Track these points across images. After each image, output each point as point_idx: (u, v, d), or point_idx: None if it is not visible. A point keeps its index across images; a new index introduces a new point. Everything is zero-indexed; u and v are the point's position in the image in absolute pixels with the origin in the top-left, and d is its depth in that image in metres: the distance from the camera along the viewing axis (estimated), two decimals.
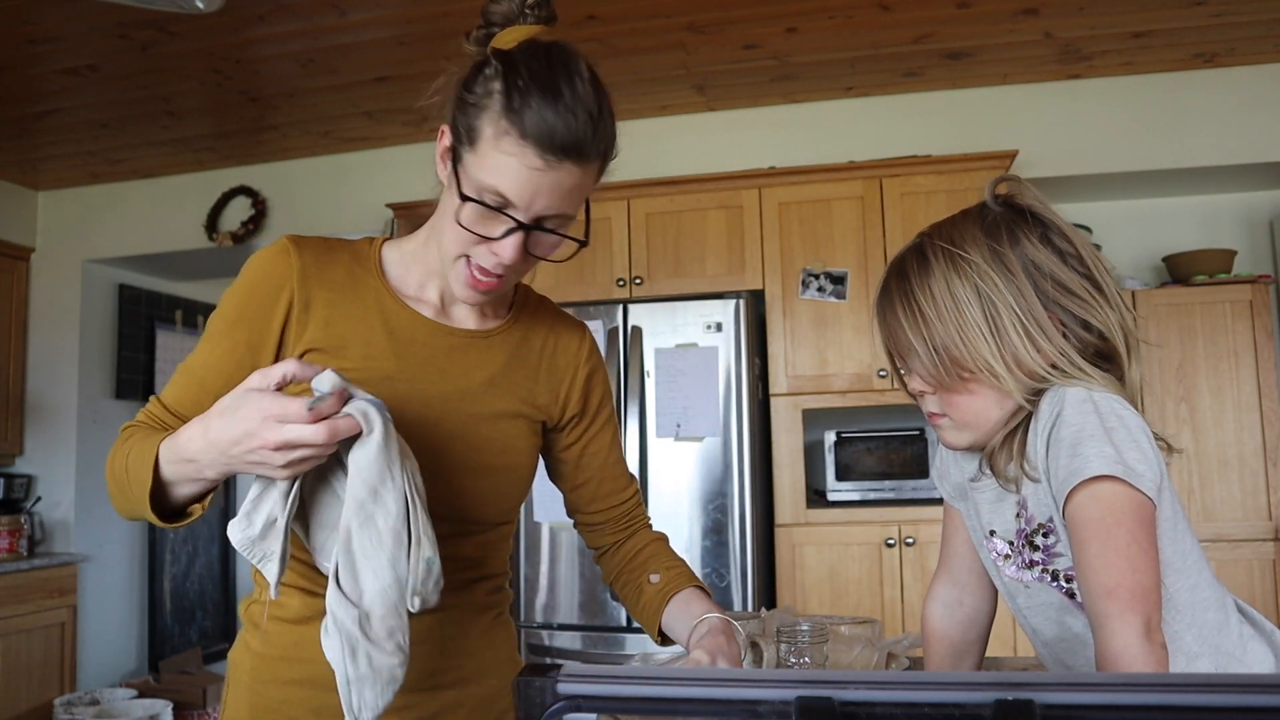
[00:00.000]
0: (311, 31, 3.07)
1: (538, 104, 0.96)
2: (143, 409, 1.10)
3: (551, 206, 1.00)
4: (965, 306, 1.02)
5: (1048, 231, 1.04)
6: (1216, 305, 3.31)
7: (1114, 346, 1.03)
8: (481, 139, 0.98)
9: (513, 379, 1.16)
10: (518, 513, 1.23)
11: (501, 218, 1.00)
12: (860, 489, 3.34)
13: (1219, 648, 1.03)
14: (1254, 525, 3.22)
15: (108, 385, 4.66)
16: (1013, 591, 1.12)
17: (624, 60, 3.36)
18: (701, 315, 3.18)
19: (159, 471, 0.96)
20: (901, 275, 1.08)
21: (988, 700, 0.42)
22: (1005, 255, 1.02)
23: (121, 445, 1.04)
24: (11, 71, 3.29)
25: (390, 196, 3.89)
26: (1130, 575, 0.90)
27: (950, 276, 1.03)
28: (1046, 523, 1.04)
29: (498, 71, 0.99)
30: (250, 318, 1.07)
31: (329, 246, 1.12)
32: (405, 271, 1.14)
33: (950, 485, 1.22)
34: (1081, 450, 0.94)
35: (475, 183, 0.99)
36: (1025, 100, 3.59)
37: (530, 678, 0.50)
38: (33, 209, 4.61)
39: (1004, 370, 1.01)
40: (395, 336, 1.10)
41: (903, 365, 1.11)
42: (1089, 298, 1.02)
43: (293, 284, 1.07)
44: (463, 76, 1.03)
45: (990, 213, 1.07)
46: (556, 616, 3.21)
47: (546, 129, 0.96)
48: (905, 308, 1.06)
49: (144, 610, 4.81)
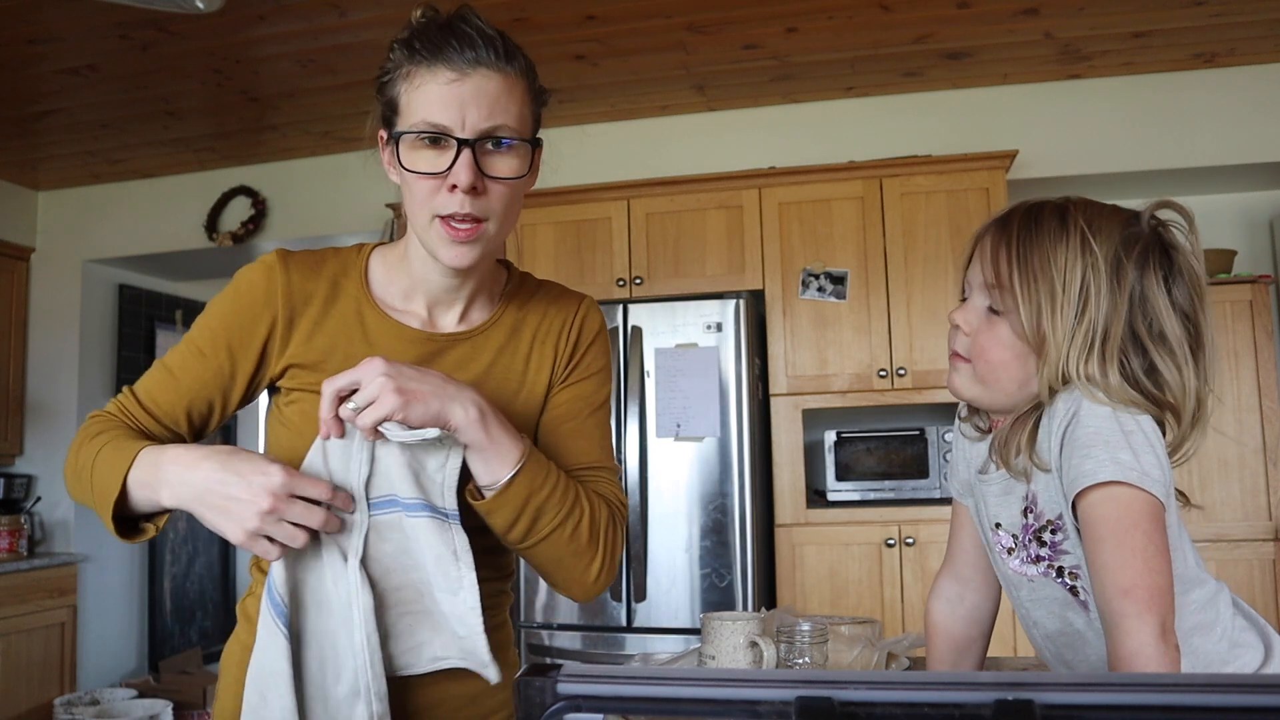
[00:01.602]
0: (311, 31, 3.07)
1: (435, 36, 1.00)
2: (114, 399, 1.10)
3: (486, 117, 0.99)
4: (1068, 288, 1.00)
5: (1179, 275, 1.02)
6: (1216, 305, 3.27)
7: (1173, 402, 1.01)
8: (401, 96, 1.02)
9: (501, 375, 1.13)
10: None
11: (445, 148, 1.00)
12: (860, 489, 3.34)
13: (1209, 651, 1.03)
14: (1254, 525, 3.22)
15: (108, 385, 4.66)
16: (1016, 584, 1.12)
17: (624, 60, 3.36)
18: (701, 315, 3.18)
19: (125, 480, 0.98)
20: (1032, 222, 1.04)
21: (988, 700, 0.42)
22: (1124, 271, 1.00)
23: (90, 439, 1.04)
24: (11, 71, 3.29)
25: (390, 196, 3.89)
26: (1147, 576, 0.90)
27: (1076, 255, 1.00)
28: (1056, 519, 1.04)
29: (394, 46, 1.04)
30: (233, 333, 1.08)
31: (317, 260, 1.12)
32: (389, 281, 1.13)
33: (959, 481, 1.22)
34: (1096, 453, 0.94)
35: (396, 134, 1.03)
36: (1025, 100, 3.59)
37: (530, 678, 0.50)
38: (33, 209, 4.62)
39: (1043, 356, 1.00)
40: (374, 347, 1.09)
41: (970, 291, 1.09)
42: (1179, 351, 1.00)
43: (276, 302, 1.08)
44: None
45: (1137, 224, 1.03)
46: (556, 616, 3.21)
47: (448, 47, 0.99)
48: (1022, 251, 1.02)
49: (144, 610, 4.81)
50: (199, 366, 1.08)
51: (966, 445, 1.19)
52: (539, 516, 1.03)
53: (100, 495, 0.99)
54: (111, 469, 0.99)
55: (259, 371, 1.10)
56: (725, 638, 1.31)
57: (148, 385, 1.09)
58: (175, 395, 1.08)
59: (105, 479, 0.99)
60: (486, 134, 1.00)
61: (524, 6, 2.93)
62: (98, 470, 1.00)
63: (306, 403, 1.08)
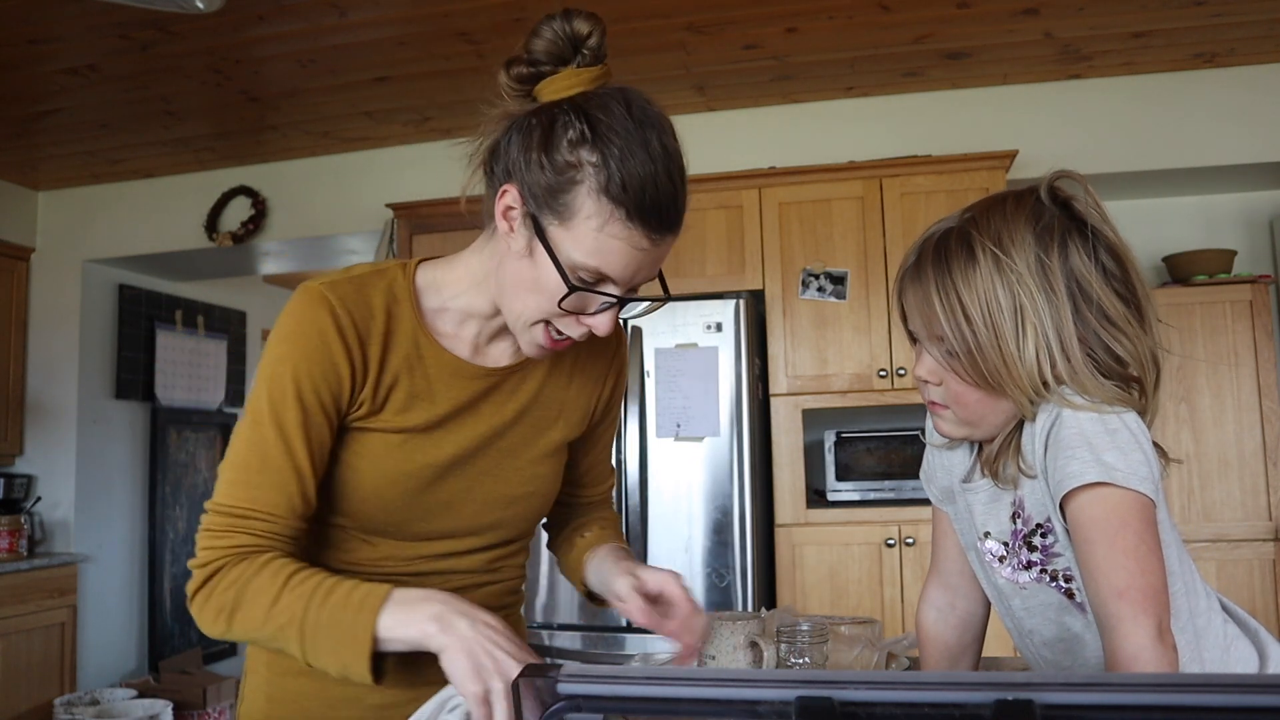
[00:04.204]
0: (311, 31, 3.07)
1: (640, 181, 0.91)
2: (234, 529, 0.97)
3: (648, 277, 0.99)
4: (1001, 315, 0.98)
5: (1098, 246, 1.00)
6: (1216, 305, 3.31)
7: (1138, 376, 1.00)
8: (578, 217, 0.93)
9: (545, 404, 1.16)
10: (535, 531, 1.24)
11: (596, 294, 0.97)
12: (860, 489, 3.34)
13: (1203, 653, 1.03)
14: (1254, 525, 3.22)
15: (108, 385, 4.66)
16: (1007, 594, 1.10)
17: (624, 60, 3.35)
18: (701, 315, 3.18)
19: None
20: (941, 260, 1.01)
21: (988, 700, 0.42)
22: (1052, 270, 0.98)
23: (269, 580, 0.94)
24: (11, 71, 3.29)
25: (390, 196, 3.89)
26: (1141, 576, 0.89)
27: (995, 280, 0.98)
28: (1044, 523, 1.03)
29: (584, 137, 0.92)
30: (318, 385, 1.00)
31: (360, 287, 1.04)
32: (441, 307, 1.09)
33: (937, 488, 1.20)
34: (1080, 454, 0.93)
35: (569, 261, 0.94)
36: (1025, 100, 3.59)
37: (530, 678, 0.50)
38: (33, 209, 4.61)
39: (1012, 383, 0.99)
40: (434, 383, 1.07)
41: (916, 343, 1.08)
42: (1127, 326, 0.99)
43: (348, 341, 1.01)
44: (533, 133, 0.95)
45: (1044, 213, 1.01)
46: (556, 616, 3.21)
47: (653, 208, 0.92)
48: (944, 298, 1.00)
49: (144, 610, 4.81)
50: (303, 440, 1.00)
51: (943, 452, 1.18)
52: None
53: (347, 648, 0.92)
54: (346, 611, 0.93)
55: (347, 416, 1.04)
56: (725, 638, 1.31)
57: (267, 493, 0.98)
58: (302, 484, 0.99)
59: (343, 627, 0.92)
60: (636, 286, 1.00)
61: (524, 6, 2.93)
62: (325, 620, 0.93)
63: (369, 438, 1.05)
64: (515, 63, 0.97)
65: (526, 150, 0.95)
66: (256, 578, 0.95)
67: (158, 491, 4.91)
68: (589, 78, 0.96)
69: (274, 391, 0.99)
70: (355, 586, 0.94)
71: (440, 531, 1.11)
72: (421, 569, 1.11)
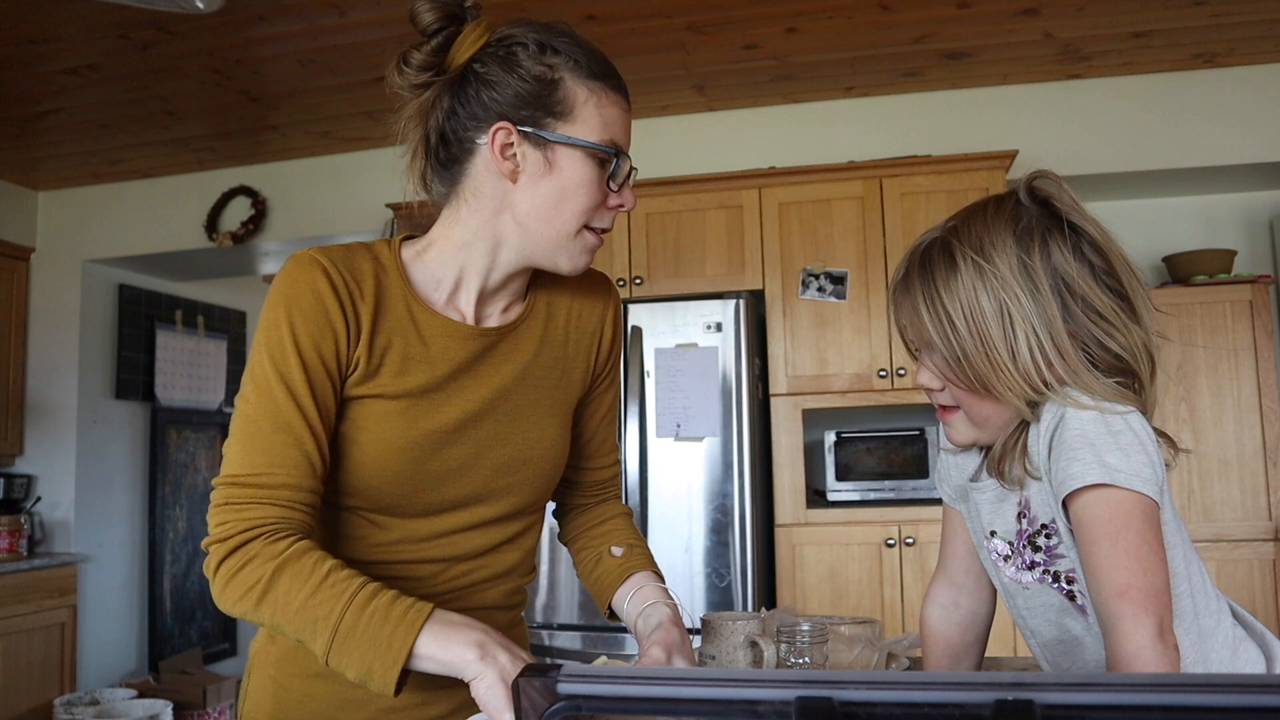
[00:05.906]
0: (311, 31, 3.07)
1: (594, 56, 1.05)
2: (257, 500, 0.96)
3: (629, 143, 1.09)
4: (986, 320, 0.99)
5: (1081, 241, 1.01)
6: (1216, 305, 3.31)
7: (1135, 368, 1.00)
8: (576, 104, 1.03)
9: (545, 365, 1.16)
10: (545, 506, 1.23)
11: (606, 169, 1.05)
12: (860, 489, 3.34)
13: (1209, 654, 1.03)
14: (1254, 525, 3.22)
15: (108, 385, 4.66)
16: (1012, 593, 1.11)
17: (624, 60, 3.33)
18: (701, 315, 3.18)
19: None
20: (926, 271, 1.04)
21: (988, 700, 0.42)
22: (1035, 270, 0.99)
23: (308, 571, 0.93)
24: (11, 71, 3.29)
25: (390, 196, 3.89)
26: (1142, 576, 0.89)
27: (977, 285, 1.00)
28: (1049, 524, 1.03)
29: (540, 46, 1.03)
30: (318, 341, 1.01)
31: (349, 253, 1.07)
32: (430, 277, 1.10)
33: (950, 487, 1.21)
34: (1082, 455, 0.94)
35: (590, 145, 1.03)
36: (1025, 100, 3.59)
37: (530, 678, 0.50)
38: (33, 209, 4.62)
39: (1005, 387, 1.00)
40: (430, 345, 1.08)
41: (917, 353, 1.10)
42: (1116, 319, 0.99)
43: (341, 299, 1.03)
44: (493, 71, 1.03)
45: (1024, 214, 1.02)
46: (556, 616, 3.21)
47: (615, 73, 1.06)
48: (930, 307, 1.02)
49: (144, 610, 4.81)
50: (311, 390, 1.00)
51: (956, 453, 1.19)
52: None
53: (380, 657, 0.91)
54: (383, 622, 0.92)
55: (343, 375, 1.05)
56: (725, 638, 1.31)
57: (279, 463, 0.97)
58: (315, 449, 0.99)
59: (379, 637, 0.92)
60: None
61: (524, 6, 2.93)
62: (362, 623, 0.92)
63: (368, 407, 1.05)
64: (413, 51, 1.04)
65: (495, 86, 1.03)
66: (296, 563, 0.94)
67: (157, 491, 4.91)
68: (487, 26, 1.05)
69: (275, 353, 1.00)
70: (397, 598, 0.93)
71: (450, 500, 1.10)
72: (434, 554, 1.10)
